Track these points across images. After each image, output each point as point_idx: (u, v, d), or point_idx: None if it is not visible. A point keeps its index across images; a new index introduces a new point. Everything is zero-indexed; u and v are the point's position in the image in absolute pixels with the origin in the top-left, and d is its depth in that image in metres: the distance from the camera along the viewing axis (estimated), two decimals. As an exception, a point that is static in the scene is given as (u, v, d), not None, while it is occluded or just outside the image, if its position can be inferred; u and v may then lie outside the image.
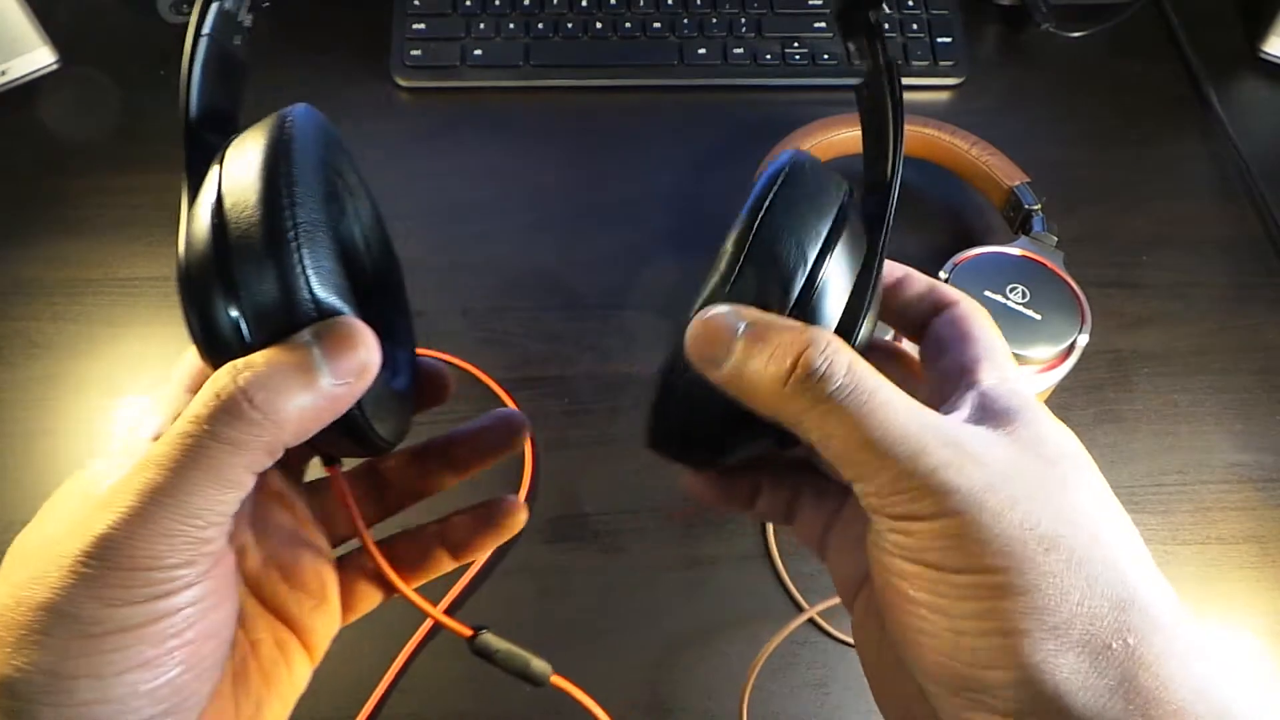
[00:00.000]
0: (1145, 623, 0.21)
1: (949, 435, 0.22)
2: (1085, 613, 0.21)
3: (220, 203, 0.23)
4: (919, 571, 0.22)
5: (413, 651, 0.47)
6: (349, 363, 0.23)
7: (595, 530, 0.51)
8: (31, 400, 0.55)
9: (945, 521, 0.21)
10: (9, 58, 0.67)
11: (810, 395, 0.22)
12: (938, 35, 0.70)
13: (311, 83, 0.69)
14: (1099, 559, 0.22)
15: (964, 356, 0.26)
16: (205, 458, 0.22)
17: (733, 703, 0.46)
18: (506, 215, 0.63)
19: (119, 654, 0.22)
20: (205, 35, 0.26)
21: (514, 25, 0.70)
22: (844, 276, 0.25)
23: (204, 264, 0.23)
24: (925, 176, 0.65)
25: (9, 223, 0.62)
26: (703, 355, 0.24)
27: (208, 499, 0.22)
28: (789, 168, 0.25)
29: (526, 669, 0.37)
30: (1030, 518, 0.21)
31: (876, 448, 0.22)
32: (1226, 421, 0.55)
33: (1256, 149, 0.66)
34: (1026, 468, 0.22)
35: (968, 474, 0.22)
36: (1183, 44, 0.72)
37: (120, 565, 0.21)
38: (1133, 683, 0.20)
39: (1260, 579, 0.50)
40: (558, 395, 0.55)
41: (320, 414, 0.23)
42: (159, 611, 0.22)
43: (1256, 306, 0.60)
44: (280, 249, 0.22)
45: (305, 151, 0.24)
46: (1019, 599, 0.21)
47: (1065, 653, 0.20)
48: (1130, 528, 0.23)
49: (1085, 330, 0.51)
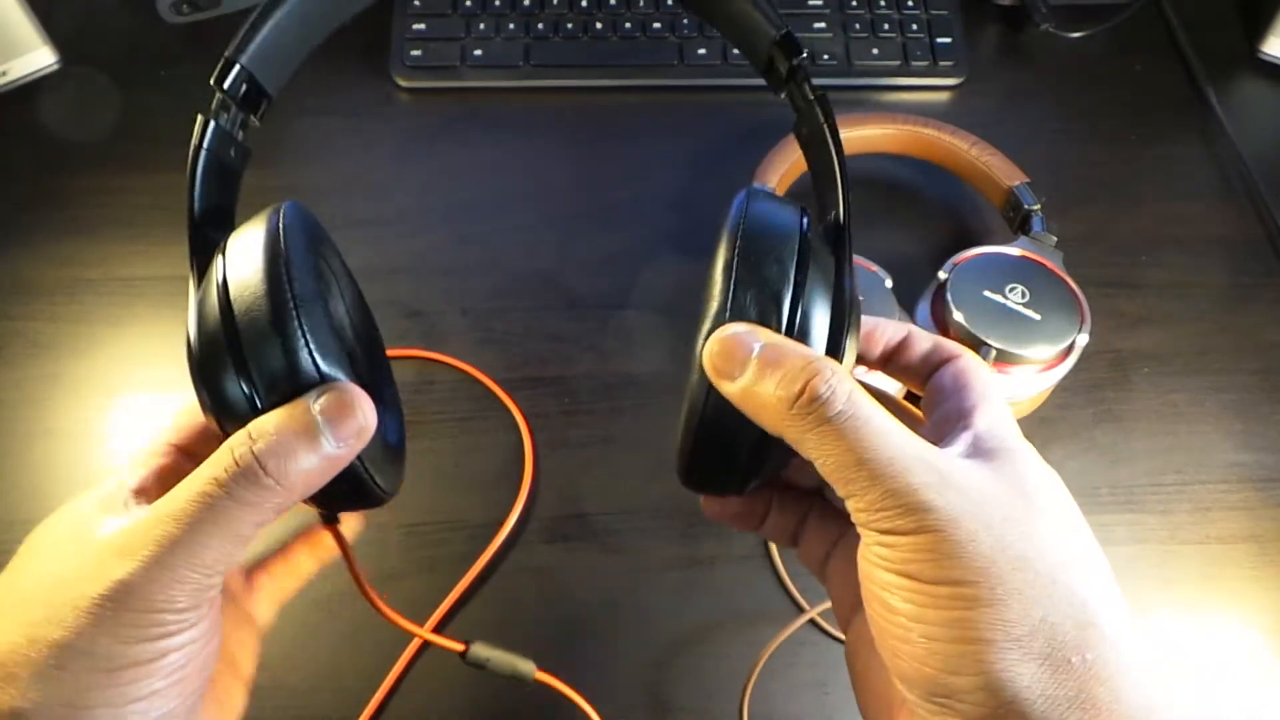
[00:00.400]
0: (1103, 641, 0.23)
1: (935, 462, 0.24)
2: (1048, 628, 0.23)
3: (226, 285, 0.26)
4: (900, 583, 0.24)
5: (411, 658, 0.47)
6: (348, 427, 0.26)
7: (595, 530, 0.51)
8: (31, 400, 0.55)
9: (924, 537, 0.23)
10: (9, 58, 0.67)
11: (813, 418, 0.24)
12: (937, 35, 0.70)
13: (311, 83, 0.69)
14: (1064, 581, 0.23)
15: (963, 403, 0.28)
16: (221, 516, 0.25)
17: (733, 703, 0.46)
18: (506, 215, 0.63)
19: (131, 686, 0.24)
20: (205, 149, 0.30)
21: (514, 25, 0.70)
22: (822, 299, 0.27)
23: (214, 339, 0.26)
24: (925, 176, 0.65)
25: (9, 223, 0.62)
26: (719, 370, 0.26)
27: (219, 552, 0.25)
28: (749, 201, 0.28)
29: (515, 670, 0.42)
30: (1003, 540, 0.23)
31: (867, 467, 0.24)
32: (1226, 421, 0.55)
33: (1256, 149, 0.66)
34: (1004, 498, 0.25)
35: (947, 497, 0.24)
36: (1182, 44, 0.72)
37: (136, 607, 0.24)
38: (1089, 695, 0.22)
39: (1259, 579, 0.50)
40: (558, 395, 0.55)
41: (323, 475, 0.26)
42: (168, 648, 0.25)
43: (1256, 306, 0.60)
44: (283, 321, 0.25)
45: (298, 237, 0.27)
46: (987, 610, 0.23)
47: (1027, 662, 0.22)
48: (1099, 557, 0.25)
49: (1085, 330, 0.51)
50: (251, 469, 0.25)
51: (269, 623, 0.36)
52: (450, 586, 0.48)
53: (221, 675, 0.32)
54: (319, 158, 0.65)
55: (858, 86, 0.70)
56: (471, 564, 0.49)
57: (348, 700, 0.46)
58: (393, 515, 0.51)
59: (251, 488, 0.25)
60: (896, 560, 0.24)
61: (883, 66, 0.69)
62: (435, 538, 0.51)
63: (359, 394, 0.26)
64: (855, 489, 0.24)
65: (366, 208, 0.63)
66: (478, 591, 0.49)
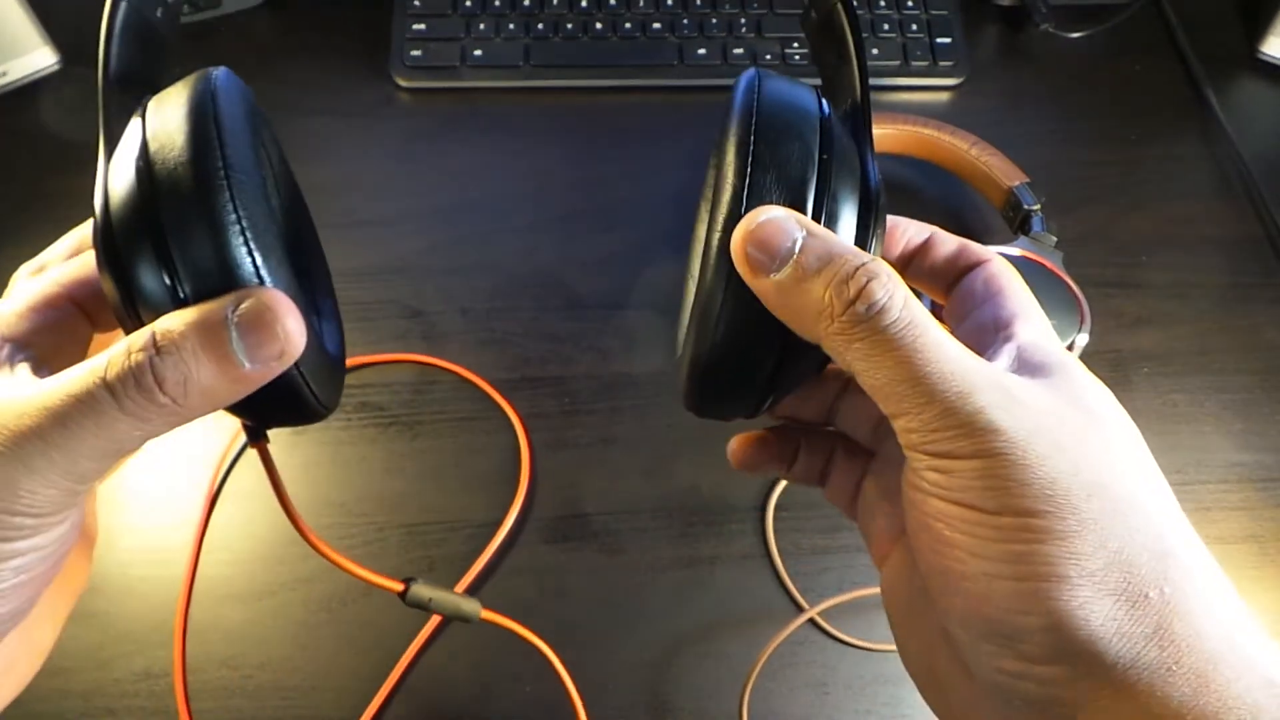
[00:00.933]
0: (1180, 572, 0.21)
1: (996, 379, 0.22)
2: (1124, 560, 0.21)
3: (146, 149, 0.22)
4: (957, 512, 0.22)
5: (415, 655, 0.47)
6: (269, 348, 0.22)
7: (595, 530, 0.51)
8: (32, 400, 0.55)
9: (988, 461, 0.21)
10: (9, 58, 0.67)
11: (865, 327, 0.22)
12: (937, 35, 0.70)
13: (311, 83, 0.69)
14: (1140, 509, 0.22)
15: (1000, 311, 0.26)
16: (105, 425, 0.21)
17: (733, 703, 0.46)
18: (506, 215, 0.63)
19: None
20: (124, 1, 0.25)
21: (514, 25, 0.70)
22: (850, 188, 0.24)
23: (127, 210, 0.22)
24: (925, 177, 0.65)
25: (9, 223, 0.62)
26: (754, 261, 0.22)
27: (95, 463, 0.22)
28: (762, 80, 0.25)
29: (459, 610, 0.39)
30: (1077, 465, 0.21)
31: (924, 383, 0.21)
32: (1226, 421, 0.55)
33: (1255, 149, 0.66)
34: (1070, 418, 0.22)
35: (1015, 416, 0.21)
36: (1182, 44, 0.72)
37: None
38: (1167, 631, 0.20)
39: (1260, 579, 0.50)
40: (558, 395, 0.55)
41: (231, 396, 0.23)
42: (16, 551, 0.22)
43: (1256, 306, 0.60)
44: (213, 195, 0.21)
45: (233, 102, 0.23)
46: (1059, 544, 0.20)
47: (1102, 599, 0.20)
48: (1165, 484, 0.23)
49: (1085, 330, 0.51)
50: (146, 381, 0.21)
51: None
52: (450, 587, 0.48)
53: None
54: (319, 158, 0.65)
55: (858, 86, 0.70)
56: (471, 564, 0.49)
57: (348, 700, 0.46)
58: (392, 515, 0.51)
59: (145, 401, 0.21)
60: (954, 487, 0.21)
61: (883, 66, 0.69)
62: (435, 538, 0.51)
63: (286, 307, 0.22)
64: (908, 405, 0.22)
65: (366, 208, 0.63)
66: (477, 592, 0.49)
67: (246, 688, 0.46)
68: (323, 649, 0.48)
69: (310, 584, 0.49)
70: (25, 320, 0.25)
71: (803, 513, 0.52)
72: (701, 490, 0.52)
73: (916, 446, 0.22)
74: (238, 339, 0.22)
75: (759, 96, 0.24)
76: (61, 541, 0.24)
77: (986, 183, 0.59)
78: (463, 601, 0.38)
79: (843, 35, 0.27)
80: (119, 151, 0.23)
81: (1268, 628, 0.52)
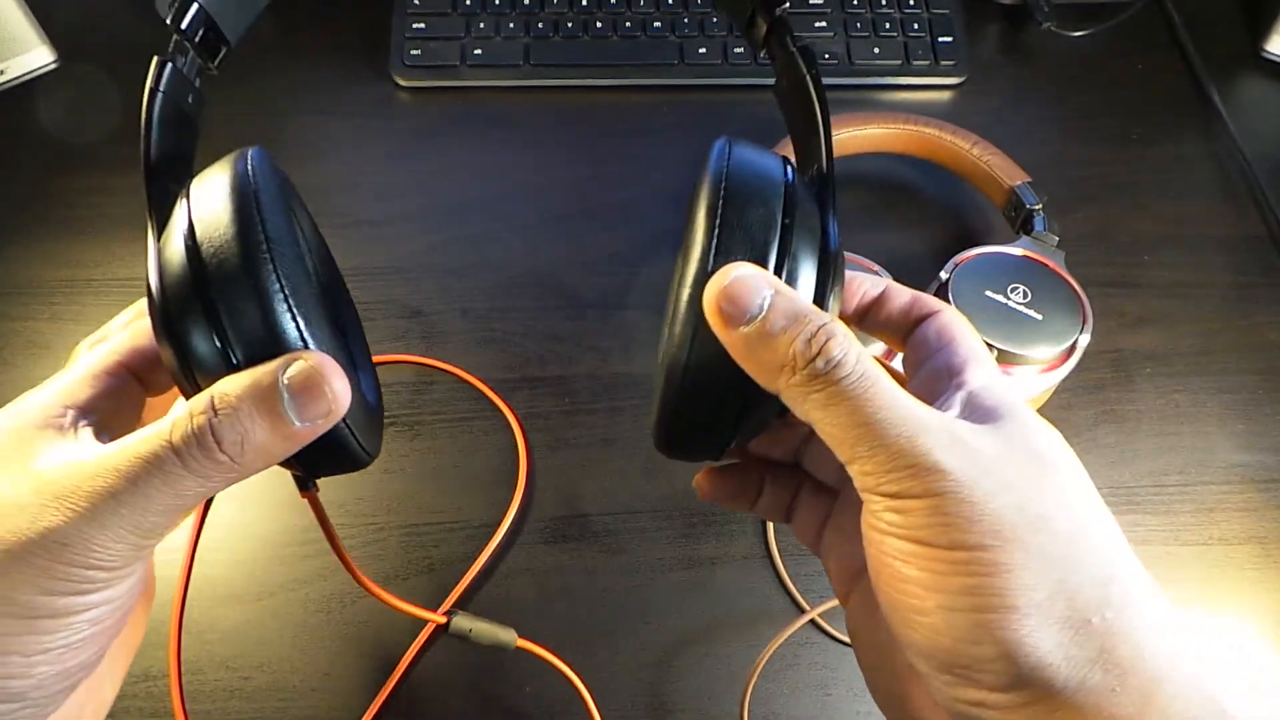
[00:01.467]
0: (1123, 597, 0.22)
1: (943, 424, 0.24)
2: (1069, 589, 0.22)
3: (192, 229, 0.24)
4: (912, 549, 0.23)
5: (414, 656, 0.47)
6: (317, 407, 0.24)
7: (595, 530, 0.51)
8: (31, 400, 0.55)
9: (938, 500, 0.22)
10: (8, 57, 0.67)
11: (823, 380, 0.23)
12: (938, 35, 0.70)
13: (311, 83, 0.69)
14: (1083, 540, 0.23)
15: (953, 359, 0.27)
16: (169, 482, 0.23)
17: (733, 704, 0.46)
18: (506, 215, 0.63)
19: (47, 637, 0.23)
20: (161, 92, 0.28)
21: (514, 25, 0.70)
22: (809, 250, 0.26)
23: (180, 287, 0.24)
24: (926, 176, 0.65)
25: (9, 223, 0.62)
26: (725, 314, 0.24)
27: (161, 517, 0.24)
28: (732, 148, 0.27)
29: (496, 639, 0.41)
30: (1019, 501, 0.23)
31: (876, 429, 0.23)
32: (1228, 421, 0.55)
33: (1258, 148, 0.66)
34: (1016, 458, 0.24)
35: (962, 456, 0.23)
36: (1185, 43, 0.72)
37: (65, 560, 0.23)
38: (1111, 654, 0.22)
39: (1262, 580, 0.50)
40: (557, 395, 0.55)
41: (284, 452, 0.25)
42: (90, 604, 0.24)
43: (1258, 306, 0.59)
44: (257, 268, 0.24)
45: (268, 180, 0.26)
46: (1006, 576, 0.22)
47: (1049, 627, 0.22)
48: (1110, 518, 0.24)
49: (1086, 330, 0.50)
50: (206, 441, 0.23)
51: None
52: (450, 587, 0.48)
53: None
54: (319, 158, 0.65)
55: (859, 86, 0.70)
56: (470, 565, 0.49)
57: (347, 702, 0.46)
58: (391, 516, 0.51)
59: (205, 459, 0.23)
60: (908, 526, 0.23)
61: (884, 66, 0.69)
62: (434, 538, 0.50)
63: (332, 369, 0.24)
64: (861, 451, 0.23)
65: (366, 208, 0.63)
66: (477, 592, 0.49)
67: (245, 689, 0.46)
68: (322, 650, 0.47)
69: (309, 585, 0.49)
70: (87, 387, 0.27)
71: (803, 513, 0.51)
72: (702, 491, 0.52)
73: (871, 489, 0.24)
74: (289, 400, 0.24)
75: (728, 163, 0.26)
76: (129, 595, 0.25)
77: (988, 182, 0.59)
78: (499, 631, 0.41)
79: (811, 104, 0.28)
80: (168, 231, 0.25)
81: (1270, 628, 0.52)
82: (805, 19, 0.70)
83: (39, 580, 0.23)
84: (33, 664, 0.23)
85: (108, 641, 0.25)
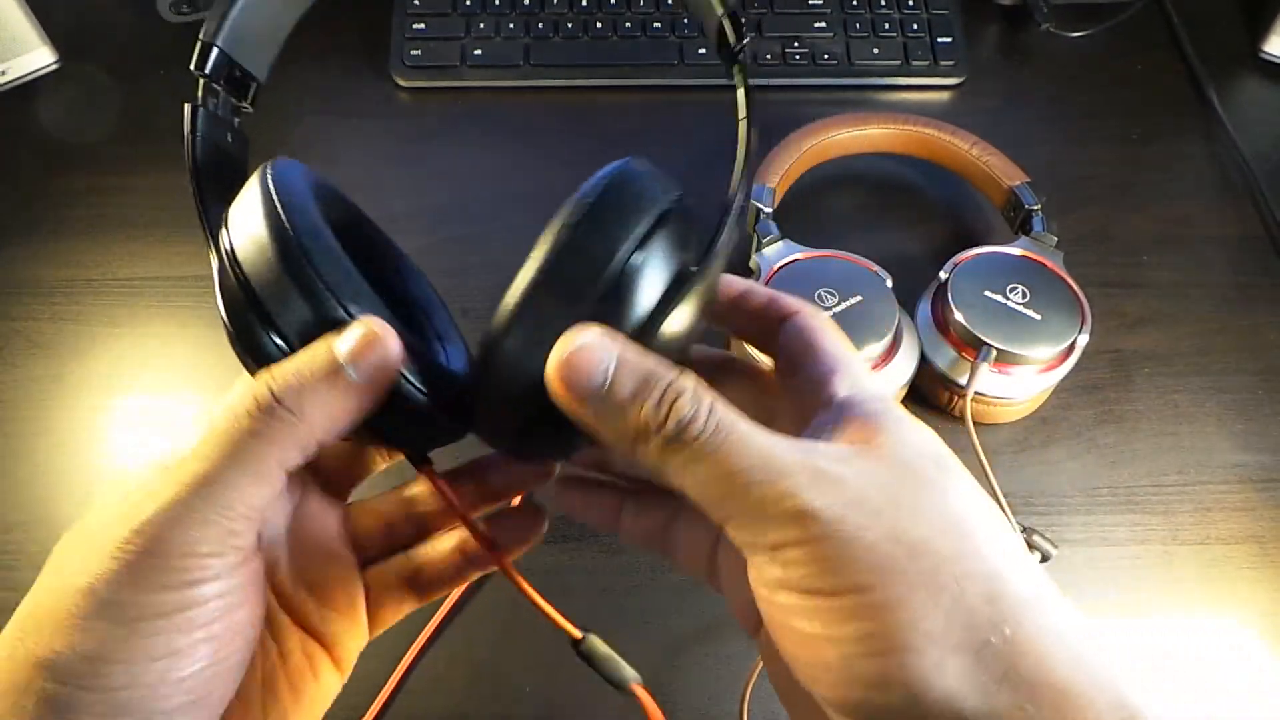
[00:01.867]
0: (1018, 610, 0.21)
1: (805, 459, 0.22)
2: (961, 613, 0.21)
3: (234, 253, 0.26)
4: (801, 601, 0.22)
5: (416, 655, 0.47)
6: (369, 356, 0.25)
7: (595, 530, 0.51)
8: (31, 400, 0.55)
9: (812, 545, 0.21)
10: (8, 57, 0.67)
11: (678, 443, 0.22)
12: (938, 35, 0.70)
13: (311, 82, 0.69)
14: (968, 555, 0.22)
15: (816, 371, 0.26)
16: (242, 453, 0.24)
17: (733, 703, 0.46)
18: (506, 215, 0.63)
19: (151, 640, 0.23)
20: (199, 136, 0.30)
21: (514, 25, 0.70)
22: (658, 279, 0.25)
23: (239, 308, 0.26)
24: (925, 176, 0.65)
25: (9, 223, 0.62)
26: (571, 389, 0.23)
27: (242, 492, 0.24)
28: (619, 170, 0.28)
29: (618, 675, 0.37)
30: (894, 528, 0.22)
31: (737, 480, 0.22)
32: (1227, 421, 0.55)
33: (1257, 148, 0.66)
34: (887, 478, 0.23)
35: (826, 494, 0.22)
36: (1184, 43, 0.72)
37: (157, 551, 0.23)
38: (1017, 671, 0.21)
39: (1261, 579, 0.50)
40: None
41: (348, 406, 0.25)
42: (189, 600, 0.23)
43: (1257, 306, 0.59)
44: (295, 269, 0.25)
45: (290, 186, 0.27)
46: (896, 613, 0.21)
47: (949, 657, 0.21)
48: (998, 520, 0.23)
49: (1085, 330, 0.51)
50: (266, 401, 0.24)
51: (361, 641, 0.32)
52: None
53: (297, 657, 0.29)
54: (319, 158, 0.65)
55: (858, 86, 0.70)
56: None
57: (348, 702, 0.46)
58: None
59: (270, 421, 0.24)
60: (792, 577, 0.22)
61: (883, 66, 0.69)
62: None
63: (378, 324, 0.25)
64: (729, 508, 0.22)
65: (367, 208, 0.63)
66: (477, 593, 0.49)
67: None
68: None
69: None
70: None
71: (803, 513, 0.51)
72: (701, 490, 0.52)
73: (749, 546, 0.23)
74: (341, 353, 0.24)
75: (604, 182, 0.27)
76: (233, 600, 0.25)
77: (987, 182, 0.59)
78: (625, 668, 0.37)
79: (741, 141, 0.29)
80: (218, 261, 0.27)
81: (1269, 628, 0.52)
82: (805, 19, 0.71)
83: (136, 576, 0.23)
84: (140, 672, 0.23)
85: (220, 655, 0.24)
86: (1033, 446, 0.54)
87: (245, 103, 0.32)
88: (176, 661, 0.23)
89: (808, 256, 0.53)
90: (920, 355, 0.52)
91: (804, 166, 0.60)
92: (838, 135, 0.59)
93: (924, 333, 0.53)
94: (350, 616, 0.31)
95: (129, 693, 0.23)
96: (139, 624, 0.23)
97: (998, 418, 0.53)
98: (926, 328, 0.53)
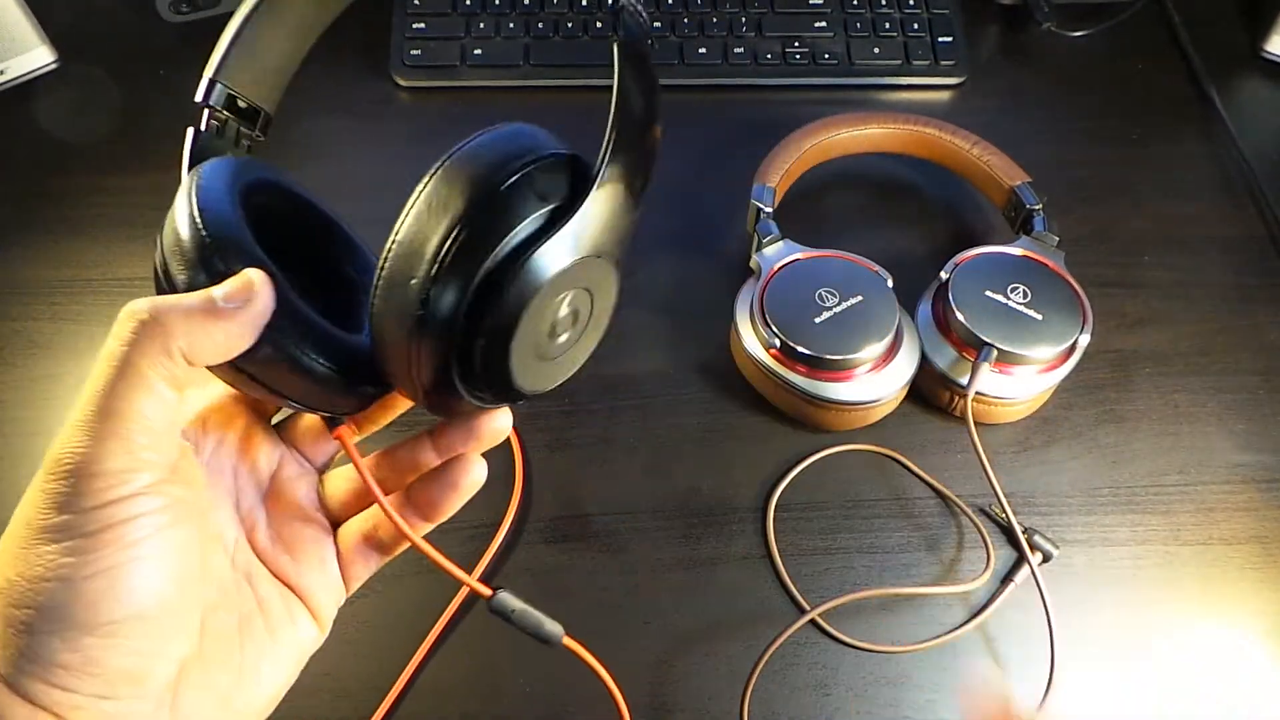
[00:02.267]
0: None
1: None
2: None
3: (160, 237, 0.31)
4: None
5: (423, 658, 0.47)
6: (235, 287, 0.28)
7: (595, 530, 0.51)
8: (31, 400, 0.55)
9: None
10: (8, 57, 0.67)
11: None
12: (938, 35, 0.70)
13: (311, 82, 0.68)
14: None
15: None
16: (127, 370, 0.26)
17: (733, 704, 0.46)
18: (506, 215, 0.62)
19: (86, 559, 0.25)
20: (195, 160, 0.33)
21: (514, 25, 0.70)
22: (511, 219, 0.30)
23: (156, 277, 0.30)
24: (926, 176, 0.65)
25: (9, 223, 0.62)
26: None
27: (128, 402, 0.26)
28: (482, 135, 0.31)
29: (540, 629, 0.39)
30: None
31: None
32: (1228, 421, 0.55)
33: (1258, 148, 0.66)
34: None
35: None
36: (1184, 43, 0.72)
37: (72, 474, 0.25)
38: None
39: (1263, 579, 0.50)
40: (557, 395, 0.55)
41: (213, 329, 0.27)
42: (112, 516, 0.25)
43: (1258, 306, 0.59)
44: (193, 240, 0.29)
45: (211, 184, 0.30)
46: None
47: None
48: None
49: (1086, 330, 0.50)
50: (139, 313, 0.26)
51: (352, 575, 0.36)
52: (449, 587, 0.48)
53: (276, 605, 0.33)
54: (319, 157, 0.65)
55: (859, 86, 0.70)
56: (469, 565, 0.49)
57: (347, 701, 0.46)
58: (392, 516, 0.51)
59: (141, 330, 0.26)
60: None
61: (884, 66, 0.69)
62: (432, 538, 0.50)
63: (258, 274, 0.28)
64: None
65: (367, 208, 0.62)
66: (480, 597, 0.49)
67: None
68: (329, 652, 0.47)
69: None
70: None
71: (803, 513, 0.51)
72: (702, 490, 0.52)
73: None
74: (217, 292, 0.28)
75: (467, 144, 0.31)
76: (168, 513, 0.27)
77: (988, 182, 0.59)
78: (545, 621, 0.39)
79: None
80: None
81: (1270, 628, 0.51)
82: (805, 19, 0.71)
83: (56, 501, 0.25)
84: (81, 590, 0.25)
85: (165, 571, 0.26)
86: (1033, 447, 0.54)
87: (257, 132, 0.34)
88: (115, 576, 0.25)
89: (808, 256, 0.53)
90: (921, 355, 0.52)
91: (804, 166, 0.60)
92: (838, 135, 0.59)
93: (925, 333, 0.53)
94: (323, 572, 0.34)
95: (75, 607, 0.25)
96: (70, 543, 0.25)
97: (998, 418, 0.53)
98: (927, 328, 0.53)
